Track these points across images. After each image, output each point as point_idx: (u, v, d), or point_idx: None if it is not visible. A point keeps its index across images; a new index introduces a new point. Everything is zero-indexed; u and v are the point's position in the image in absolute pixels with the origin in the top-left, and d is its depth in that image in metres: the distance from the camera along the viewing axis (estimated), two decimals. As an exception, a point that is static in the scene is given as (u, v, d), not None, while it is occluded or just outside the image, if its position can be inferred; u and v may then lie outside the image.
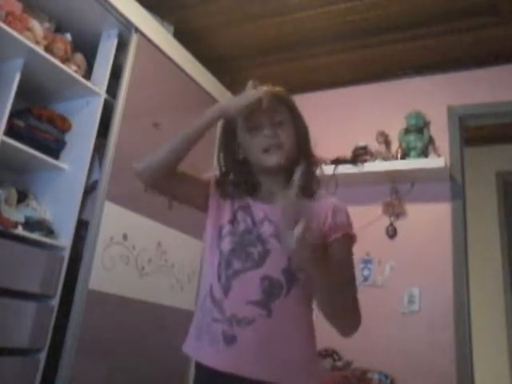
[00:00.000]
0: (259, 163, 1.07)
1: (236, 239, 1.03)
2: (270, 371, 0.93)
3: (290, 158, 1.06)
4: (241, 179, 1.12)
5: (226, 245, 1.03)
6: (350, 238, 1.03)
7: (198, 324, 1.04)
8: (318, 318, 1.01)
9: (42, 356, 1.65)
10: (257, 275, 0.98)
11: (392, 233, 2.53)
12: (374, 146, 2.63)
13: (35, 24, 1.83)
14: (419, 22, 2.35)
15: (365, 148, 2.59)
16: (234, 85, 2.75)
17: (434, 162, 2.40)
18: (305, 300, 1.01)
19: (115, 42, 2.07)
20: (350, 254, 1.04)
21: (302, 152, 1.09)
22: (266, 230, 1.03)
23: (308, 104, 2.99)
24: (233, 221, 1.07)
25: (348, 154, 2.62)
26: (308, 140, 1.12)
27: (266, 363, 0.93)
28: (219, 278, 1.00)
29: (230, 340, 0.94)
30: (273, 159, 1.04)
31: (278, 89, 1.11)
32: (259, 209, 1.07)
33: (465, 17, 2.27)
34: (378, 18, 2.34)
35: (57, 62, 1.83)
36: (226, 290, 0.98)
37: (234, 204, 1.10)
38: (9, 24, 1.66)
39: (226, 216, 1.08)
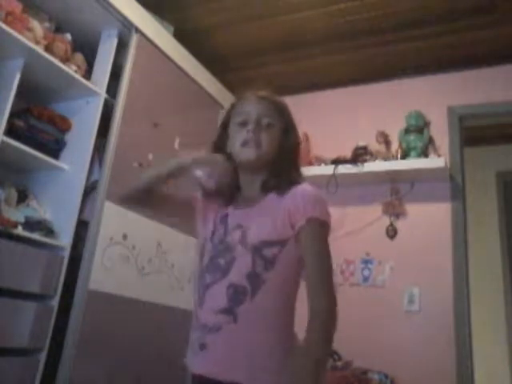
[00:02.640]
0: (236, 156, 1.11)
1: (211, 253, 1.08)
2: (234, 372, 0.95)
3: (265, 160, 1.09)
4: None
5: (205, 259, 1.09)
6: (318, 224, 0.99)
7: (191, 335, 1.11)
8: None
9: (42, 356, 1.65)
10: (223, 285, 1.01)
11: (392, 233, 2.53)
12: (374, 146, 2.63)
13: (35, 24, 1.83)
14: (419, 22, 2.35)
15: (365, 148, 2.59)
16: (234, 84, 2.75)
17: (434, 162, 2.40)
18: (275, 301, 1.01)
19: (115, 41, 2.07)
20: (320, 242, 1.00)
21: (285, 161, 1.11)
22: (235, 236, 1.05)
23: (308, 104, 3.02)
24: (213, 233, 1.12)
25: (348, 154, 2.62)
26: (295, 152, 1.15)
27: (230, 365, 0.97)
28: (198, 291, 1.07)
29: (202, 347, 1.01)
30: (246, 153, 1.08)
31: (277, 98, 1.16)
32: (234, 216, 1.10)
33: (464, 17, 2.27)
34: (377, 18, 2.34)
35: (57, 61, 1.83)
36: (201, 302, 1.04)
37: (216, 216, 1.14)
38: (9, 24, 1.66)
39: (209, 230, 1.13)
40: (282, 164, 1.11)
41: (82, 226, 1.86)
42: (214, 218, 1.14)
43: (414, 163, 2.45)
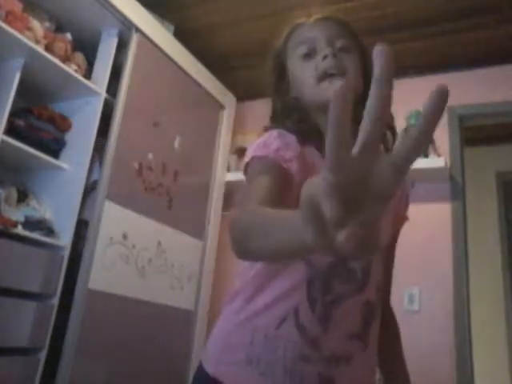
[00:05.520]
0: (315, 96, 0.78)
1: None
2: None
3: (355, 94, 0.68)
4: (299, 123, 0.80)
5: (323, 257, 0.71)
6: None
7: (252, 351, 0.73)
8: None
9: (42, 356, 1.65)
10: (359, 301, 0.75)
11: (392, 233, 2.53)
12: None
13: (35, 23, 1.83)
14: (419, 21, 2.35)
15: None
16: (234, 84, 2.75)
17: (434, 162, 2.40)
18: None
19: (115, 41, 2.07)
20: None
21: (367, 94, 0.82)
22: None
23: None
24: None
25: (348, 153, 2.61)
26: None
27: None
28: (312, 303, 0.72)
29: (326, 382, 0.72)
30: (333, 86, 0.73)
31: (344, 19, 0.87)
32: None
33: (465, 16, 2.27)
34: (377, 18, 2.34)
35: (57, 61, 1.83)
36: (325, 322, 0.72)
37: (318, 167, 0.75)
38: (9, 23, 1.66)
39: None
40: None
41: (81, 226, 1.86)
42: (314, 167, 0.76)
43: (413, 163, 2.44)
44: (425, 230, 2.46)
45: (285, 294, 0.73)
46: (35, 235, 1.70)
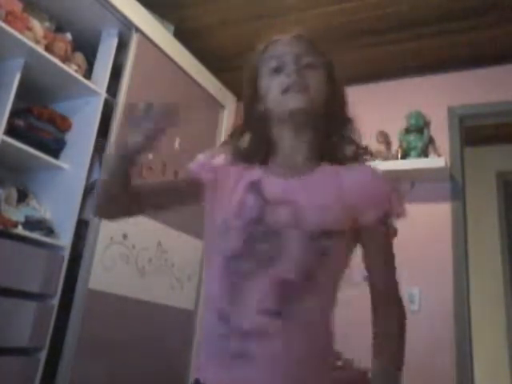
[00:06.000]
0: (277, 107, 0.87)
1: (244, 234, 0.82)
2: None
3: (316, 107, 0.86)
4: (256, 137, 0.93)
5: (233, 241, 0.82)
6: (391, 223, 0.90)
7: (210, 349, 0.86)
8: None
9: (42, 356, 1.65)
10: (268, 278, 0.80)
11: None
12: (374, 145, 2.63)
13: (35, 23, 1.83)
14: (419, 21, 2.34)
15: (365, 148, 2.59)
16: (234, 84, 2.75)
17: (434, 162, 2.40)
18: (323, 305, 0.84)
19: (115, 41, 2.07)
20: (391, 244, 0.90)
21: (338, 119, 0.91)
22: (281, 215, 0.81)
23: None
24: (240, 206, 0.84)
25: (348, 153, 2.61)
26: (342, 96, 0.94)
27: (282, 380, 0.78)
28: (225, 280, 0.82)
29: (238, 356, 0.79)
30: (291, 101, 0.84)
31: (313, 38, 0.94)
32: (273, 186, 0.86)
33: (465, 17, 2.27)
34: (377, 18, 2.34)
35: (57, 61, 1.83)
36: (230, 297, 0.81)
37: (238, 182, 0.88)
38: (9, 23, 1.66)
39: (232, 201, 0.86)
40: (335, 122, 0.90)
41: (82, 226, 1.86)
42: (234, 186, 0.88)
43: (414, 163, 2.45)
44: (425, 230, 2.46)
45: (210, 282, 0.87)
46: (35, 235, 1.71)
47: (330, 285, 0.84)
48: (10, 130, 1.72)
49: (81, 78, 1.92)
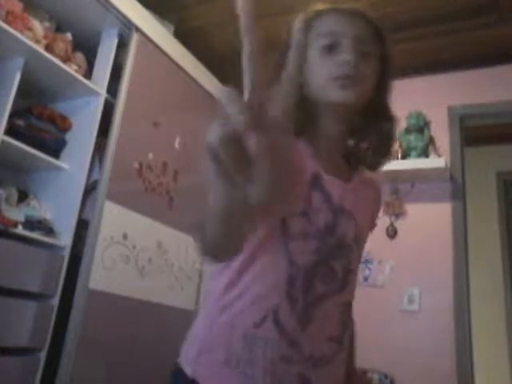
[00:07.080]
0: (320, 94, 0.76)
1: (320, 249, 0.71)
2: None
3: (361, 103, 0.76)
4: (297, 109, 0.77)
5: (305, 255, 0.71)
6: None
7: (231, 351, 0.71)
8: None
9: (42, 356, 1.65)
10: (338, 302, 0.74)
11: (392, 233, 2.53)
12: (374, 145, 2.63)
13: (36, 23, 1.83)
14: (419, 21, 2.35)
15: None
16: (234, 84, 2.75)
17: (435, 162, 2.40)
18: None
19: (115, 41, 2.07)
20: None
21: (377, 103, 0.79)
22: (349, 228, 0.73)
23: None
24: (310, 206, 0.71)
25: (348, 153, 2.61)
26: (388, 92, 0.82)
27: None
28: (293, 303, 0.70)
29: (304, 382, 0.71)
30: (342, 94, 0.73)
31: (373, 16, 0.83)
32: (334, 187, 0.75)
33: (465, 17, 2.27)
34: (377, 18, 2.34)
35: (57, 61, 1.83)
36: (305, 323, 0.70)
37: (305, 171, 0.74)
38: (9, 23, 1.66)
39: (299, 197, 0.72)
40: (377, 120, 0.79)
41: (82, 226, 1.86)
42: (297, 168, 0.72)
43: (414, 163, 2.45)
44: (425, 230, 2.46)
45: (265, 294, 0.71)
46: (35, 235, 1.71)
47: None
48: (10, 130, 1.72)
49: (81, 77, 1.92)
